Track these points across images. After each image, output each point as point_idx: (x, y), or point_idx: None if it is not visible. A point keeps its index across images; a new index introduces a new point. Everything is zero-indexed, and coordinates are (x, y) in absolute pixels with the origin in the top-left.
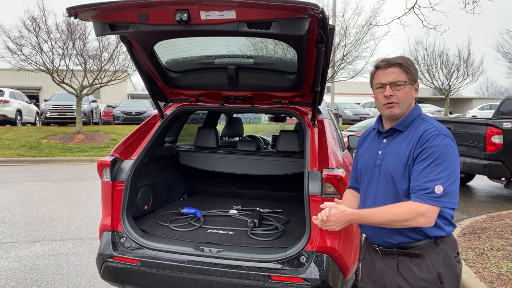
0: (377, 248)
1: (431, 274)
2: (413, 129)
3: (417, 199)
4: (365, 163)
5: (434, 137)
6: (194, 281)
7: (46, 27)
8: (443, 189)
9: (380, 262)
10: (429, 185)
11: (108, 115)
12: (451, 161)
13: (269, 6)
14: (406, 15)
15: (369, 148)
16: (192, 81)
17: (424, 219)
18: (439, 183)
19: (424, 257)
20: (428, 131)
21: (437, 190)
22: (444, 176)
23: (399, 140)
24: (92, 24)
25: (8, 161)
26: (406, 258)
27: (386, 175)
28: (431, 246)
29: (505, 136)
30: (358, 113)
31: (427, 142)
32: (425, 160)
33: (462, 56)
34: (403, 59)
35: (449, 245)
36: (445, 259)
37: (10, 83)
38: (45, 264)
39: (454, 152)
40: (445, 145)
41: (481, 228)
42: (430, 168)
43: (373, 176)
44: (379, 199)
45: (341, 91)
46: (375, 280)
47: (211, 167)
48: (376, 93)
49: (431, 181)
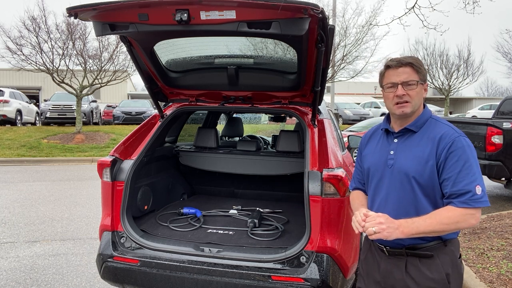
0: (384, 248)
1: (441, 274)
2: (427, 130)
3: (463, 204)
4: (374, 163)
5: (457, 139)
6: (194, 281)
7: (46, 27)
8: (482, 189)
9: (386, 262)
10: (470, 188)
11: (108, 115)
12: (476, 160)
13: (269, 6)
14: (406, 15)
15: (377, 148)
16: (192, 81)
17: (475, 220)
18: (477, 184)
19: (434, 257)
20: (447, 133)
21: (478, 191)
22: (478, 175)
23: (413, 140)
24: (92, 24)
25: (8, 161)
26: (415, 259)
27: (400, 175)
28: (440, 247)
29: (505, 136)
30: (358, 113)
31: (452, 145)
32: (456, 163)
33: (462, 56)
34: (414, 59)
35: (455, 246)
36: (452, 260)
37: (10, 83)
38: (45, 264)
39: (474, 151)
40: (468, 145)
41: (481, 228)
42: (465, 171)
43: (383, 176)
44: (391, 200)
45: (341, 91)
46: (379, 280)
47: (211, 167)
48: (387, 92)
49: (470, 183)
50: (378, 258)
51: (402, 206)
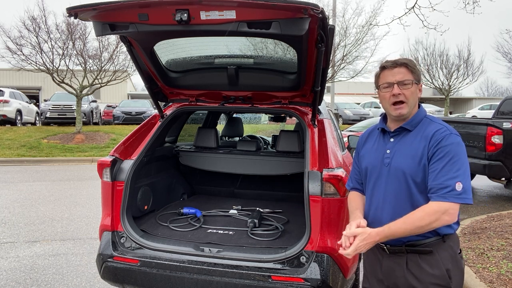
0: (384, 247)
1: (441, 270)
2: (422, 129)
3: (439, 198)
4: (371, 162)
5: (447, 136)
6: (194, 281)
7: (46, 27)
8: (463, 186)
9: (388, 260)
10: (450, 183)
11: (108, 115)
12: (464, 159)
13: (269, 6)
14: (406, 15)
15: (374, 147)
16: (192, 81)
17: (448, 217)
18: (458, 180)
19: (434, 253)
20: (440, 130)
21: (457, 188)
22: (462, 173)
23: (408, 139)
24: (92, 24)
25: (8, 161)
26: (415, 255)
27: (397, 173)
28: (439, 243)
29: (505, 136)
30: (358, 113)
31: (442, 142)
32: (442, 159)
33: (462, 56)
34: (408, 60)
35: (455, 241)
36: (452, 255)
37: (10, 83)
38: (45, 264)
39: (465, 150)
40: (458, 143)
41: (481, 228)
42: (448, 167)
43: (380, 175)
44: (389, 197)
45: (341, 91)
46: (382, 279)
47: (211, 167)
48: (383, 92)
49: (451, 179)
50: (380, 257)
51: (399, 203)
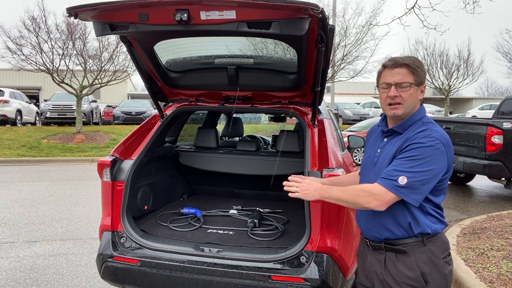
0: (368, 242)
1: (415, 272)
2: (410, 132)
3: (380, 181)
4: (366, 159)
5: (422, 137)
6: (194, 281)
7: (46, 27)
8: (407, 182)
9: (371, 256)
10: (395, 174)
11: (108, 115)
12: (429, 162)
13: (269, 6)
14: (406, 15)
15: (371, 145)
16: (192, 81)
17: (375, 201)
18: (404, 175)
19: (409, 254)
20: (421, 133)
21: (400, 181)
22: (415, 172)
23: (395, 141)
24: (92, 24)
25: (8, 161)
26: (392, 254)
27: (380, 172)
28: (418, 245)
29: (505, 136)
30: (358, 113)
31: (414, 140)
32: (404, 153)
33: (462, 56)
34: (412, 60)
35: (438, 245)
36: (431, 259)
37: (10, 83)
38: (45, 264)
39: (437, 154)
40: (430, 145)
41: (481, 228)
42: (404, 161)
43: (369, 173)
44: None
45: (341, 91)
46: (367, 274)
47: (211, 167)
48: (381, 92)
49: (399, 171)
50: (366, 252)
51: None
